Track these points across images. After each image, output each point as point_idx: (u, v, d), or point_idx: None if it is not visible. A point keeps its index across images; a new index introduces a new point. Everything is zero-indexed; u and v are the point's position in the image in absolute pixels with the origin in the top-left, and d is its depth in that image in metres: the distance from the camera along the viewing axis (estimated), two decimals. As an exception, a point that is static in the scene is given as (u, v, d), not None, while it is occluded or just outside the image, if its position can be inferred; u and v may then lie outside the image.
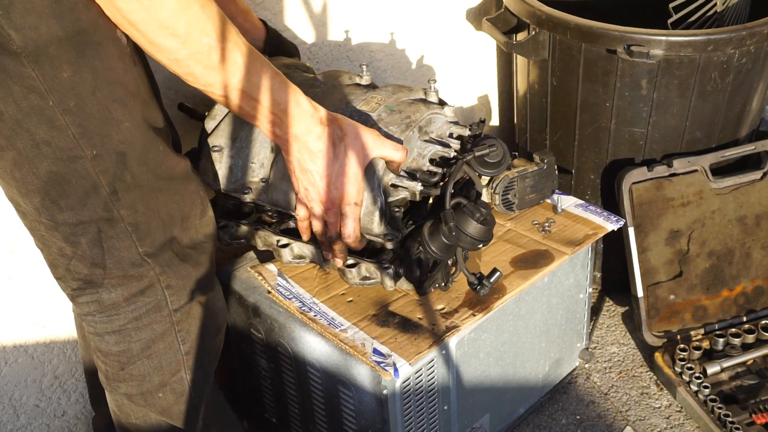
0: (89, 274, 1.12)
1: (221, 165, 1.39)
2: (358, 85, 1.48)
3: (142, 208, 1.11)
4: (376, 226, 1.31)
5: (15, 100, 0.98)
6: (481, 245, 1.32)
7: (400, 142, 1.32)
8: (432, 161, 1.35)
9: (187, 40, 1.01)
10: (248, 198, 1.39)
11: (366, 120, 1.36)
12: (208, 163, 1.40)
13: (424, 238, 1.30)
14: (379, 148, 1.26)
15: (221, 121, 1.40)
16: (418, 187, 1.30)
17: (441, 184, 1.32)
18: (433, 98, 1.43)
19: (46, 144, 1.01)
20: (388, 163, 1.30)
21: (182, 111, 1.51)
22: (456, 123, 1.41)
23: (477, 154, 1.31)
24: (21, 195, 1.07)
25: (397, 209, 1.31)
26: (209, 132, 1.40)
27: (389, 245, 1.32)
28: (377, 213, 1.30)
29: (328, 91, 1.44)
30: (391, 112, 1.38)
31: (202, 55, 1.03)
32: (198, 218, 1.20)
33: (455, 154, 1.35)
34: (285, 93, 1.14)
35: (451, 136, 1.39)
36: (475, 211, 1.28)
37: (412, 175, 1.33)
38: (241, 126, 1.39)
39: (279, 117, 1.15)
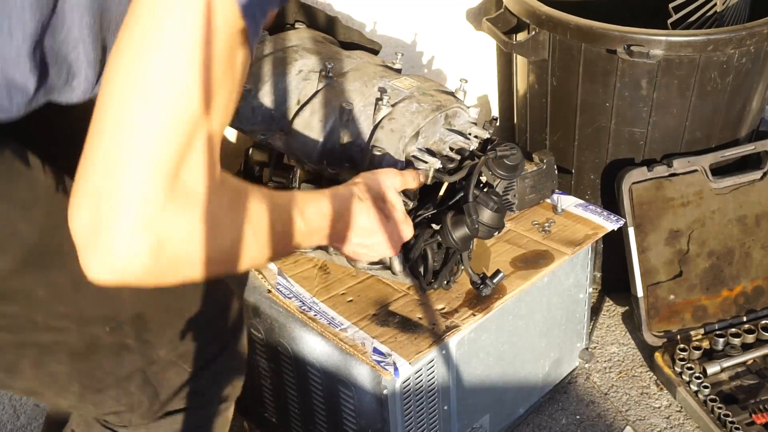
0: (148, 409, 1.08)
1: (244, 104, 1.42)
2: (390, 67, 1.52)
3: (178, 339, 1.07)
4: None
5: (7, 330, 0.92)
6: (496, 232, 1.35)
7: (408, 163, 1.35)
8: (451, 149, 1.38)
9: (259, 254, 0.91)
10: (263, 141, 1.42)
11: (399, 94, 1.39)
12: None
13: (447, 228, 1.32)
14: (403, 184, 1.24)
15: (253, 65, 1.45)
16: (436, 164, 1.33)
17: (454, 174, 1.34)
18: (461, 96, 1.47)
19: (57, 347, 0.95)
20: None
21: None
22: (476, 125, 1.44)
23: (499, 153, 1.34)
24: (58, 396, 1.04)
25: None
26: None
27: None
28: None
29: (363, 65, 1.48)
30: (423, 94, 1.41)
31: (276, 250, 0.95)
32: (231, 312, 1.17)
33: (474, 148, 1.38)
34: (340, 212, 1.08)
35: (470, 134, 1.42)
36: (488, 201, 1.32)
37: (432, 153, 1.35)
38: (271, 73, 1.44)
39: (342, 233, 1.10)
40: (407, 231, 1.19)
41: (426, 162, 1.33)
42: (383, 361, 1.31)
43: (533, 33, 1.86)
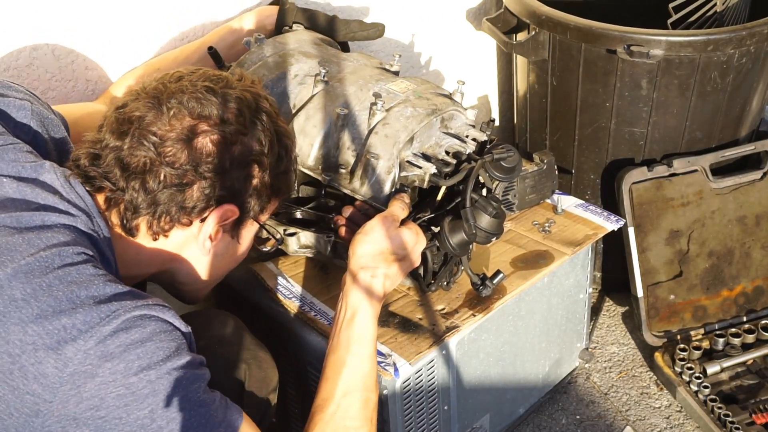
0: None
1: None
2: (387, 70, 1.51)
3: None
4: (384, 197, 1.33)
5: None
6: (494, 238, 1.34)
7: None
8: (447, 153, 1.37)
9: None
10: None
11: (394, 98, 1.39)
12: None
13: (444, 234, 1.31)
14: (397, 220, 1.26)
15: (249, 69, 1.46)
16: (431, 169, 1.33)
17: (450, 178, 1.34)
18: (458, 98, 1.46)
19: None
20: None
21: (210, 54, 1.53)
22: (474, 127, 1.43)
23: (496, 156, 1.33)
24: None
25: (406, 187, 1.34)
26: None
27: None
28: (388, 183, 1.32)
29: (360, 68, 1.48)
30: (418, 97, 1.41)
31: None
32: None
33: (470, 151, 1.37)
34: (373, 296, 1.20)
35: (467, 137, 1.41)
36: (487, 206, 1.31)
37: (427, 157, 1.34)
38: (269, 78, 1.44)
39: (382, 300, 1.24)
40: (418, 259, 1.28)
41: (420, 167, 1.33)
42: (383, 362, 1.31)
43: (533, 33, 1.86)
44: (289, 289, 1.49)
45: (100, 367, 0.91)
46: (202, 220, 1.09)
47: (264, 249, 1.32)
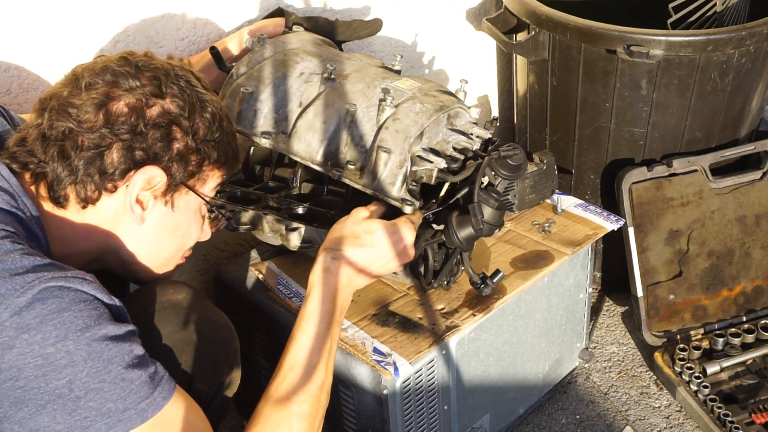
0: None
1: (246, 107, 1.43)
2: (390, 69, 1.52)
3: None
4: (396, 191, 1.33)
5: None
6: (497, 230, 1.35)
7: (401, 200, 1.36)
8: (454, 149, 1.38)
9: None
10: (266, 143, 1.43)
11: (401, 95, 1.40)
12: (233, 102, 1.45)
13: (452, 229, 1.32)
14: (372, 215, 1.28)
15: (254, 67, 1.47)
16: (441, 164, 1.33)
17: (457, 174, 1.34)
18: (461, 96, 1.47)
19: None
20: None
21: (212, 54, 1.54)
22: (477, 125, 1.44)
23: (503, 153, 1.34)
24: None
25: (414, 184, 1.34)
26: (240, 75, 1.47)
27: (407, 210, 1.34)
28: (400, 177, 1.33)
29: (363, 67, 1.48)
30: (425, 94, 1.41)
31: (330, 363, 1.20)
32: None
33: (478, 148, 1.38)
34: (334, 313, 1.22)
35: (472, 135, 1.41)
36: (490, 199, 1.32)
37: (436, 153, 1.35)
38: (274, 76, 1.45)
39: (354, 284, 1.27)
40: (395, 256, 1.28)
41: (431, 162, 1.34)
42: (383, 361, 1.31)
43: (533, 33, 1.86)
44: (290, 289, 1.49)
45: (17, 338, 0.92)
46: (128, 186, 1.10)
47: (213, 228, 1.29)
